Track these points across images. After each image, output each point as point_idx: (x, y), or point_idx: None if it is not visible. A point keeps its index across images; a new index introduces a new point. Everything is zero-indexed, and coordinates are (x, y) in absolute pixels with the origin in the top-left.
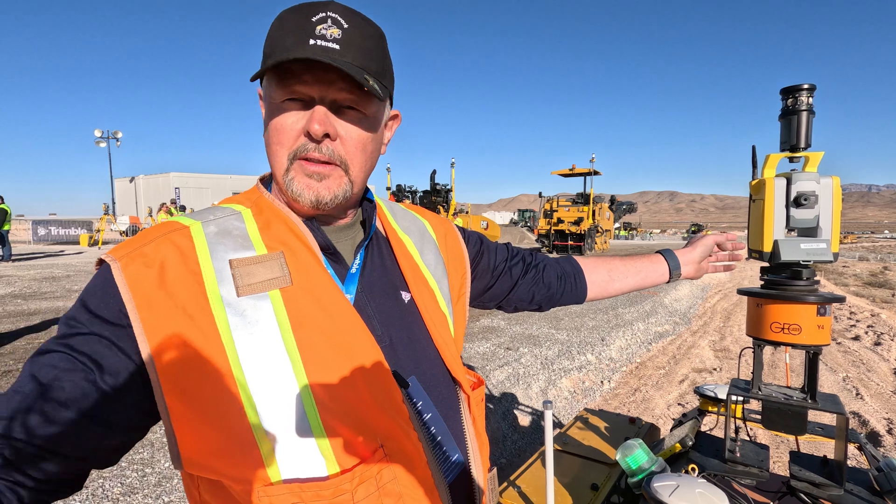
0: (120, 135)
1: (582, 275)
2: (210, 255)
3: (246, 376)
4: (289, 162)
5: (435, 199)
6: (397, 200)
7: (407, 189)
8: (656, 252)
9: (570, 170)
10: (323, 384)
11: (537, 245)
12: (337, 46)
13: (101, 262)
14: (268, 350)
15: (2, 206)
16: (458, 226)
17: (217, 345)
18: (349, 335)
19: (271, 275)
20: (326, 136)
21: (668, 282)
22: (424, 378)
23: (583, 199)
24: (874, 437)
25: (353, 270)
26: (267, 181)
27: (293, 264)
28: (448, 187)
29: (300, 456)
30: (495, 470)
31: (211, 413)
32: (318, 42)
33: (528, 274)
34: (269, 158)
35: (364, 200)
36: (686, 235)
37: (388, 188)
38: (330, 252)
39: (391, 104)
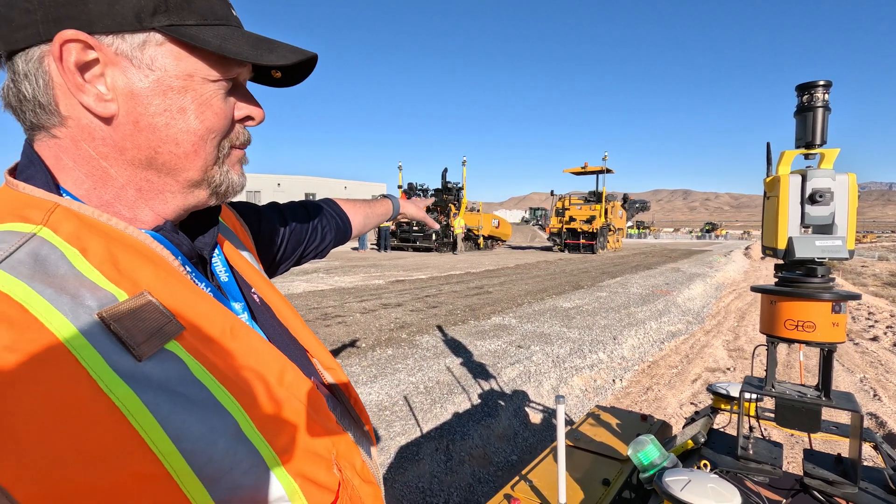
0: None
1: (346, 219)
2: (58, 311)
3: (187, 459)
4: (222, 152)
5: (446, 197)
6: (408, 199)
7: (418, 187)
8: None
9: (583, 168)
10: (274, 427)
11: (549, 244)
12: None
13: None
14: (207, 415)
15: None
16: (231, 203)
17: (130, 440)
18: (267, 361)
19: (157, 323)
20: None
21: (391, 214)
22: (313, 377)
23: (595, 197)
24: (892, 439)
25: (225, 278)
26: (38, 181)
27: (168, 300)
28: (459, 185)
29: None
30: None
31: None
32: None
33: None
34: (167, 142)
35: None
36: (700, 234)
37: (400, 186)
38: (195, 261)
39: None
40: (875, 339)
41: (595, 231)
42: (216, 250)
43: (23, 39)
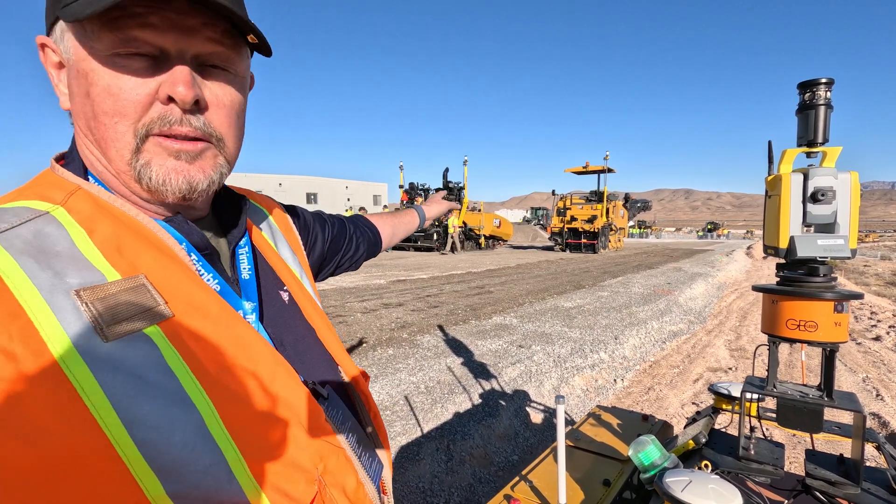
0: None
1: (377, 232)
2: (34, 285)
3: (140, 448)
4: (138, 141)
5: (448, 196)
6: (410, 199)
7: (420, 187)
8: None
9: (584, 167)
10: (245, 428)
11: (550, 244)
12: None
13: None
14: (168, 406)
15: None
16: (283, 204)
17: (81, 418)
18: (259, 362)
19: (141, 307)
20: (195, 104)
21: (419, 224)
22: (329, 384)
23: (596, 196)
24: (895, 439)
25: (247, 276)
26: (73, 166)
27: (163, 286)
28: (461, 185)
29: None
30: None
31: None
32: None
33: (345, 238)
34: (96, 136)
35: None
36: (702, 234)
37: (401, 186)
38: (206, 252)
39: None
40: (878, 338)
41: (596, 231)
42: (246, 247)
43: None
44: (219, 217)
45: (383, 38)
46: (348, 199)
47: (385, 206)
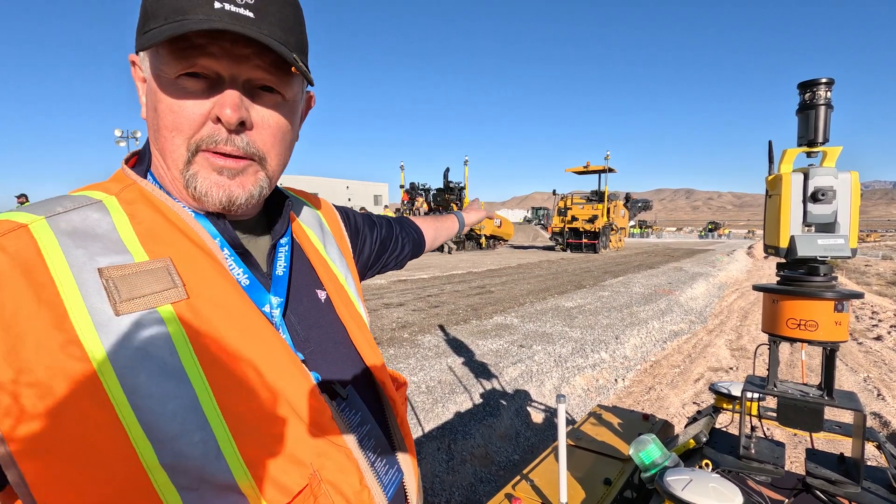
0: (139, 134)
1: (421, 233)
2: (67, 261)
3: (137, 414)
4: (190, 154)
5: (448, 196)
6: (410, 199)
7: (420, 187)
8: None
9: (585, 167)
10: (239, 412)
11: (551, 243)
12: (250, 14)
13: None
14: (164, 378)
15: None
16: (334, 205)
17: (90, 381)
18: (266, 355)
19: (158, 287)
20: (241, 124)
21: (458, 229)
22: (353, 385)
23: (597, 196)
24: (895, 439)
25: (281, 272)
26: (141, 166)
27: (186, 272)
28: (461, 185)
29: (216, 501)
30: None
31: (89, 466)
32: (226, 6)
33: (393, 241)
34: (158, 146)
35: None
36: (702, 234)
37: (402, 186)
38: (240, 250)
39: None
40: (879, 338)
41: (597, 230)
42: (286, 246)
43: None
44: (267, 215)
45: (384, 38)
46: (349, 199)
47: (385, 206)
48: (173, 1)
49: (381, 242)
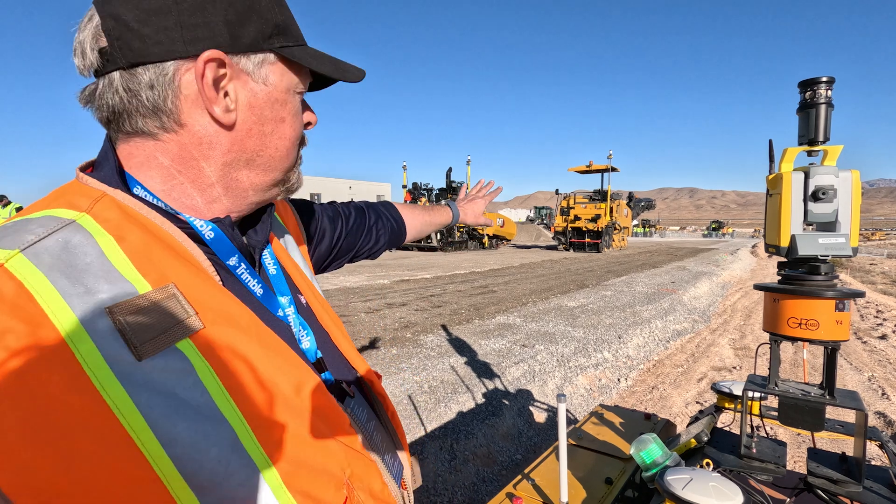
0: None
1: (402, 222)
2: (67, 304)
3: (176, 466)
4: (299, 155)
5: (451, 196)
6: (413, 199)
7: (423, 186)
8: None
9: (588, 166)
10: (275, 439)
11: (554, 243)
12: None
13: None
14: (200, 422)
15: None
16: (291, 200)
17: (120, 441)
18: (288, 370)
19: (173, 319)
20: None
21: (450, 222)
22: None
23: (600, 195)
24: None
25: (274, 272)
26: (100, 173)
27: (193, 295)
28: (464, 185)
29: None
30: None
31: None
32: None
33: (357, 223)
34: (267, 151)
35: None
36: (706, 233)
37: (405, 186)
38: (247, 256)
39: None
40: (883, 337)
41: (600, 230)
42: (266, 248)
43: (158, 54)
44: (250, 219)
45: (387, 37)
46: (351, 200)
47: None
48: (291, 20)
49: (348, 235)
